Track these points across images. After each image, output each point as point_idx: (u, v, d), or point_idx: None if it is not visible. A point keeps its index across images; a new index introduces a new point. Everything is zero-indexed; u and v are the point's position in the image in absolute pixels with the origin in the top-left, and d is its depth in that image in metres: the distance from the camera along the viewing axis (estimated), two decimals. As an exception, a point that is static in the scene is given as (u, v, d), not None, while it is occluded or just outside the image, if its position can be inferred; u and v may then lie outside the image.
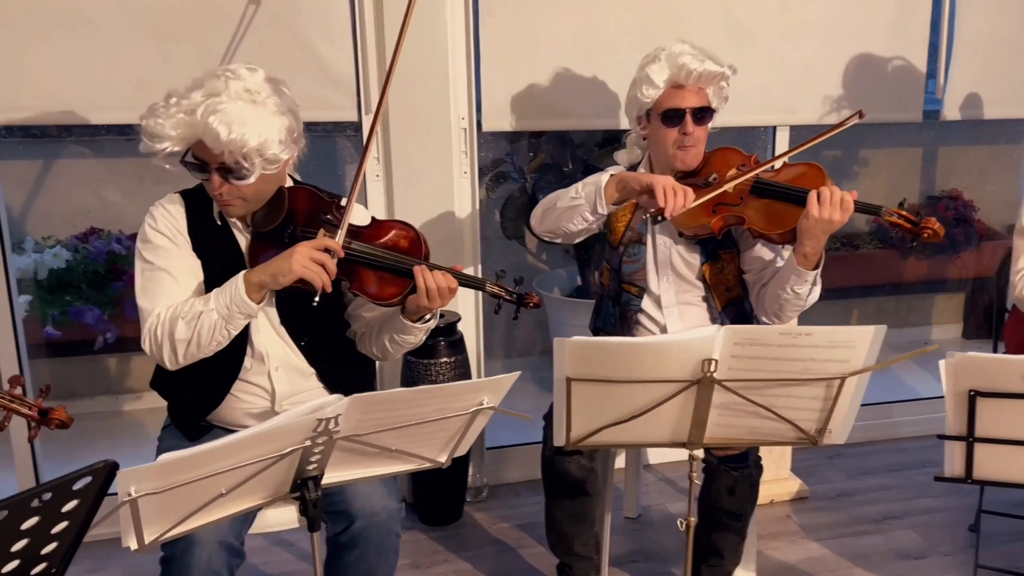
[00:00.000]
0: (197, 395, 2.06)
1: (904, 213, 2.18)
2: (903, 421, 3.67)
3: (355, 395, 1.41)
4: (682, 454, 3.29)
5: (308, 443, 1.43)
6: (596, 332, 2.56)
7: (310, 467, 1.52)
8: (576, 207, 2.24)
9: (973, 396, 1.67)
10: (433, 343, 2.88)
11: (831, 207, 2.09)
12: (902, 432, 3.65)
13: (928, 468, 3.40)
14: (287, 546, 2.91)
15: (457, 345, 2.96)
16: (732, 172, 2.31)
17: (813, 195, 2.12)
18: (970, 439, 1.73)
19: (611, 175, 2.23)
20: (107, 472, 1.19)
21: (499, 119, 2.98)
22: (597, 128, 3.41)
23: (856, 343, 1.62)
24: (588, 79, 2.99)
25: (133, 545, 1.43)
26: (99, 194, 3.77)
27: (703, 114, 2.32)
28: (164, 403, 2.17)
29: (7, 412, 1.57)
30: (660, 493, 3.25)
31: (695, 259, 2.39)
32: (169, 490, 1.31)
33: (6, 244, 2.74)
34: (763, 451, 2.46)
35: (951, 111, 3.29)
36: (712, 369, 1.62)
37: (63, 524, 1.21)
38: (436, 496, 3.02)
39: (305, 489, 1.54)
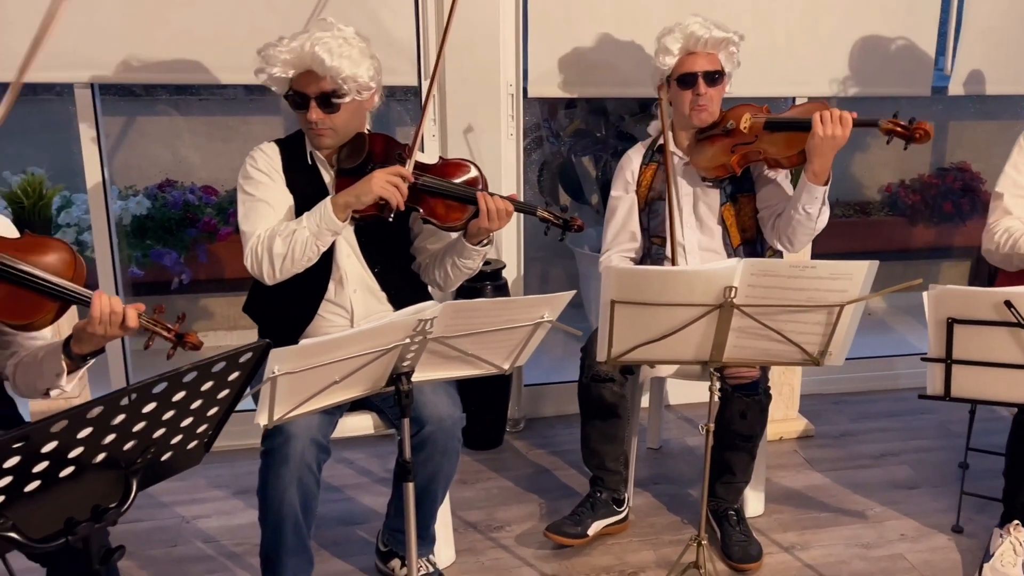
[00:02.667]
0: (290, 315, 2.41)
1: (898, 121, 2.48)
2: (904, 373, 3.99)
3: (448, 301, 1.75)
4: (699, 395, 3.67)
5: (407, 340, 1.77)
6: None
7: (404, 364, 1.86)
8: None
9: (951, 323, 1.99)
10: (480, 287, 3.22)
11: (832, 124, 2.42)
12: (902, 384, 3.97)
13: (925, 415, 3.72)
14: (348, 464, 3.28)
15: (502, 290, 3.30)
16: (746, 116, 2.63)
17: (816, 116, 2.44)
18: (948, 361, 2.05)
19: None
20: (263, 350, 1.53)
21: (543, 86, 3.30)
22: (630, 96, 3.72)
23: (853, 275, 1.94)
24: (623, 50, 3.29)
25: (264, 421, 1.78)
26: (173, 149, 4.13)
27: (714, 76, 2.65)
28: (225, 344, 2.49)
29: (151, 334, 1.87)
30: (679, 429, 3.60)
31: (715, 201, 2.71)
32: (302, 371, 1.66)
33: (108, 194, 3.10)
34: (774, 394, 2.82)
35: (956, 87, 3.58)
36: (732, 295, 1.95)
37: (225, 391, 1.55)
38: (481, 425, 3.37)
39: (399, 382, 1.88)
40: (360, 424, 2.48)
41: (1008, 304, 1.93)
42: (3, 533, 1.36)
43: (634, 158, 2.82)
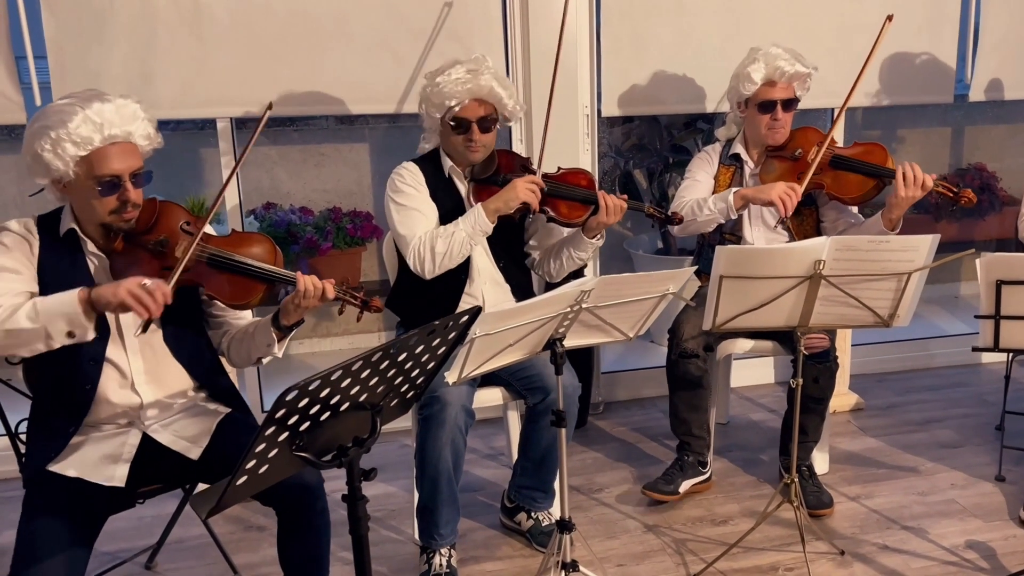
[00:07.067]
0: (436, 306, 2.81)
1: (949, 186, 2.90)
2: (937, 353, 4.43)
3: (603, 276, 2.18)
4: (756, 379, 4.09)
5: (568, 309, 2.20)
6: (698, 274, 3.30)
7: (560, 331, 2.29)
8: (711, 220, 3.03)
9: (999, 284, 2.42)
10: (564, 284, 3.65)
11: (915, 187, 2.84)
12: (937, 363, 4.42)
13: (960, 388, 4.16)
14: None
15: (584, 286, 3.74)
16: (814, 150, 3.02)
17: (899, 176, 2.83)
18: (997, 317, 2.48)
19: (735, 192, 2.97)
20: (476, 312, 1.95)
21: (614, 107, 3.75)
22: (686, 112, 4.16)
23: (919, 247, 2.36)
24: (681, 74, 3.75)
25: (452, 379, 2.19)
26: (272, 175, 4.58)
27: (790, 104, 3.07)
28: (322, 349, 2.90)
29: (343, 302, 2.29)
30: (743, 407, 4.02)
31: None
32: (493, 334, 2.08)
33: (243, 215, 3.56)
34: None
35: (976, 94, 4.03)
36: (821, 268, 2.38)
37: (443, 348, 1.97)
38: (569, 406, 3.79)
39: (554, 346, 2.31)
40: (490, 397, 2.89)
41: (1046, 266, 2.36)
42: (300, 453, 1.77)
43: (713, 156, 3.25)
